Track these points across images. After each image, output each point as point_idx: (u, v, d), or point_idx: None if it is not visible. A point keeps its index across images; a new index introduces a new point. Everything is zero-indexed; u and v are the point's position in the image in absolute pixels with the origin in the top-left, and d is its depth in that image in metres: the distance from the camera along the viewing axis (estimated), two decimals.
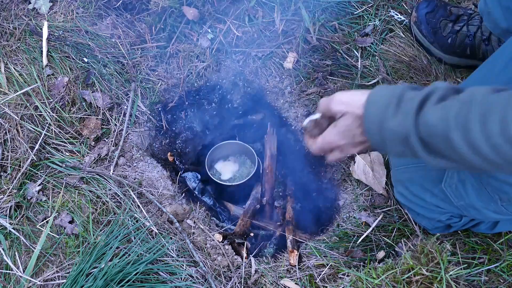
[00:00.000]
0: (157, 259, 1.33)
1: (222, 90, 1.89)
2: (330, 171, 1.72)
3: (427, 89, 0.81)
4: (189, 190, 1.74)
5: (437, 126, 0.76)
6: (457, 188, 1.16)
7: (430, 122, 0.77)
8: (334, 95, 0.93)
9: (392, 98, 0.83)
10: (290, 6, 1.80)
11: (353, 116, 0.90)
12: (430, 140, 0.79)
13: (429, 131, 0.78)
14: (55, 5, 1.77)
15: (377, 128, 0.86)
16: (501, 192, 1.08)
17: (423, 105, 0.80)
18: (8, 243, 1.37)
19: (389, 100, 0.84)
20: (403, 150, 0.85)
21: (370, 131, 0.87)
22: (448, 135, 0.75)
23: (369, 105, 0.86)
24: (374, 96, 0.87)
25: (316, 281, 1.35)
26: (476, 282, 1.28)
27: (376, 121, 0.85)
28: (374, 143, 0.90)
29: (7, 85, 1.58)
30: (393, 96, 0.83)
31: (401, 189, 1.34)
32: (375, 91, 0.87)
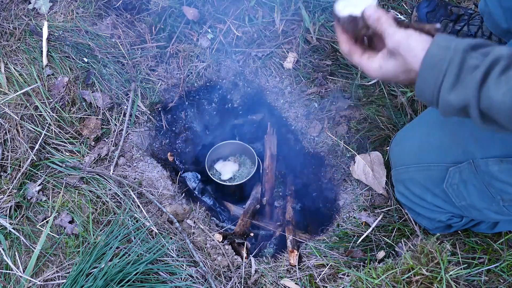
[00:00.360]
0: (157, 259, 1.33)
1: (222, 90, 1.89)
2: (330, 171, 1.72)
3: (490, 58, 0.76)
4: (189, 190, 1.73)
5: (502, 102, 0.73)
6: (458, 189, 1.16)
7: (494, 98, 0.74)
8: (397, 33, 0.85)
9: (451, 65, 0.78)
10: (290, 6, 1.80)
11: (406, 67, 0.85)
12: (491, 113, 0.76)
13: (492, 106, 0.75)
14: (55, 5, 1.77)
15: (431, 93, 0.82)
16: (503, 193, 1.08)
17: (487, 77, 0.76)
18: (8, 243, 1.37)
19: (448, 66, 0.79)
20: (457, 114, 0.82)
21: (423, 93, 0.84)
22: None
23: (426, 68, 0.81)
24: (432, 57, 0.80)
25: (316, 281, 1.35)
26: (476, 282, 1.28)
27: (432, 87, 0.81)
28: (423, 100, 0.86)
29: (7, 85, 1.58)
30: (452, 62, 0.78)
31: (401, 189, 1.34)
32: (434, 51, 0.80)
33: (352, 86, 1.71)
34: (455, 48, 0.79)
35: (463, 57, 0.78)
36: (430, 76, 0.81)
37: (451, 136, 1.16)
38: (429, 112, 1.35)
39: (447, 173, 1.17)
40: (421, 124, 1.32)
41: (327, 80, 1.76)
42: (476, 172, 1.10)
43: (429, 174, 1.22)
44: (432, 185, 1.23)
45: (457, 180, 1.15)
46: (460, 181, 1.15)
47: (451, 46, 0.80)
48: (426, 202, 1.27)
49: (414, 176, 1.27)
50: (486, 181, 1.09)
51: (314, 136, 1.76)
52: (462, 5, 1.76)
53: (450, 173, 1.16)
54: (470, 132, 1.12)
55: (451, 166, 1.16)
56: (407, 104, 1.61)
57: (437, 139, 1.21)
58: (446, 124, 1.20)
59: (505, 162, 1.04)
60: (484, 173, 1.09)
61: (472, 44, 0.80)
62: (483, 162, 1.08)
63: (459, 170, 1.14)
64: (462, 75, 0.78)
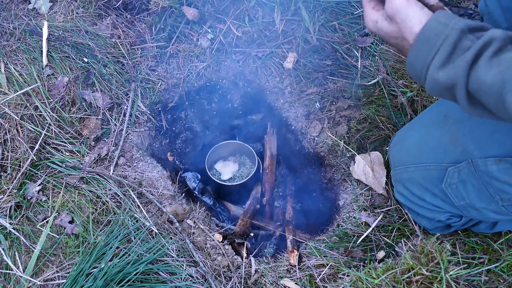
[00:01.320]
0: (157, 259, 1.33)
1: (222, 90, 1.89)
2: (330, 171, 1.72)
3: (483, 40, 0.76)
4: (189, 190, 1.73)
5: (491, 84, 0.73)
6: (457, 189, 1.16)
7: (484, 79, 0.73)
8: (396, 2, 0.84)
9: (446, 42, 0.78)
10: (290, 6, 1.80)
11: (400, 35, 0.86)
12: (478, 95, 0.76)
13: (480, 87, 0.75)
14: (55, 5, 1.77)
15: (421, 67, 0.82)
16: (502, 192, 1.08)
17: (478, 58, 0.75)
18: (8, 243, 1.37)
19: (443, 42, 0.78)
20: (442, 94, 0.82)
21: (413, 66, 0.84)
22: (502, 95, 0.72)
23: (421, 41, 0.82)
24: (428, 31, 0.81)
25: (316, 281, 1.34)
26: (476, 282, 1.28)
27: (423, 61, 0.81)
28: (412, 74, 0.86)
29: (7, 85, 1.58)
30: (447, 40, 0.78)
31: (401, 189, 1.34)
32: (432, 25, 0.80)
33: (352, 86, 1.71)
34: (453, 26, 0.79)
35: (459, 37, 0.78)
36: (423, 50, 0.81)
37: (450, 136, 1.17)
38: (428, 112, 1.35)
39: (446, 173, 1.17)
40: (420, 124, 1.32)
41: (327, 80, 1.76)
42: (475, 171, 1.10)
43: (428, 174, 1.22)
44: (431, 185, 1.23)
45: (456, 180, 1.15)
46: (459, 181, 1.15)
47: (450, 23, 0.79)
48: (426, 202, 1.27)
49: (413, 176, 1.27)
50: (485, 181, 1.09)
51: (314, 136, 1.76)
52: (462, 5, 1.76)
53: (449, 173, 1.16)
54: (468, 132, 1.12)
55: (450, 166, 1.16)
56: (407, 104, 1.61)
57: (435, 139, 1.21)
58: (445, 124, 1.20)
59: (504, 161, 1.04)
60: (482, 173, 1.09)
61: (471, 26, 0.79)
62: (482, 162, 1.08)
63: (458, 170, 1.14)
64: (455, 55, 0.78)
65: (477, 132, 1.10)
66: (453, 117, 1.19)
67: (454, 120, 1.18)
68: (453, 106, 1.21)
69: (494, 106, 0.76)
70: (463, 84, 0.77)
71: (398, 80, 1.67)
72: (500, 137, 1.06)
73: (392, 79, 1.67)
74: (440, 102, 1.34)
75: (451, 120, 1.19)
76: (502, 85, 0.72)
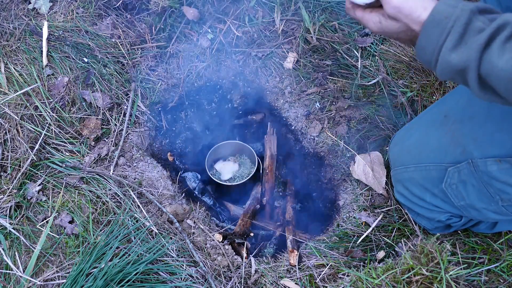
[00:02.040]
0: (157, 259, 1.33)
1: (222, 90, 1.89)
2: (330, 171, 1.72)
3: (496, 23, 0.75)
4: (189, 190, 1.73)
5: (503, 69, 0.72)
6: (457, 189, 1.16)
7: (496, 64, 0.73)
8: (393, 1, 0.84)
9: (457, 23, 0.77)
10: (290, 6, 1.80)
11: (407, 28, 0.84)
12: (489, 79, 0.75)
13: (492, 71, 0.74)
14: (55, 5, 1.77)
15: (432, 51, 0.81)
16: (502, 193, 1.08)
17: (491, 41, 0.74)
18: (8, 243, 1.37)
19: (453, 25, 0.77)
20: (453, 77, 0.81)
21: (424, 51, 0.82)
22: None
23: (431, 24, 0.80)
24: (438, 13, 0.79)
25: (316, 281, 1.34)
26: (476, 282, 1.28)
27: (434, 44, 0.80)
28: (422, 60, 0.85)
29: (7, 85, 1.58)
30: (458, 21, 0.77)
31: (401, 189, 1.34)
32: (441, 7, 0.79)
33: (352, 86, 1.71)
34: (463, 7, 0.78)
35: (470, 18, 0.77)
36: (434, 33, 0.80)
37: (450, 136, 1.16)
38: (428, 112, 1.35)
39: (446, 173, 1.17)
40: (420, 124, 1.32)
41: (327, 80, 1.76)
42: (475, 172, 1.10)
43: (428, 174, 1.22)
44: (431, 185, 1.23)
45: (456, 180, 1.15)
46: (459, 181, 1.15)
47: (459, 5, 0.78)
48: (425, 202, 1.27)
49: (413, 176, 1.27)
50: (485, 181, 1.09)
51: (314, 136, 1.76)
52: None
53: (449, 173, 1.16)
54: (469, 132, 1.12)
55: (450, 166, 1.16)
56: (407, 104, 1.61)
57: (436, 139, 1.21)
58: (445, 124, 1.20)
59: (504, 161, 1.04)
60: (483, 173, 1.09)
61: (481, 8, 0.78)
62: (482, 162, 1.08)
63: (458, 170, 1.14)
64: (466, 36, 0.77)
65: (478, 132, 1.10)
66: (453, 117, 1.19)
67: (454, 120, 1.17)
68: (454, 106, 1.22)
69: (504, 91, 0.75)
70: (475, 67, 0.76)
71: (398, 80, 1.67)
72: (500, 137, 1.06)
73: (392, 79, 1.67)
74: (440, 102, 1.34)
75: (451, 120, 1.19)
76: None
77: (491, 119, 1.08)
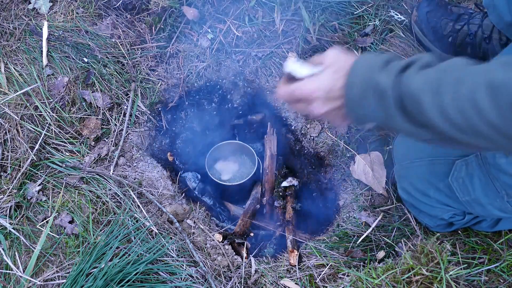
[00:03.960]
0: (157, 259, 1.33)
1: (222, 90, 1.89)
2: (330, 171, 1.72)
3: (413, 57, 0.84)
4: (189, 190, 1.73)
5: (413, 89, 0.78)
6: (464, 183, 1.16)
7: (409, 84, 0.79)
8: (327, 51, 0.96)
9: (380, 60, 0.86)
10: (290, 6, 1.80)
11: (339, 67, 0.91)
12: (405, 102, 0.80)
13: (405, 92, 0.79)
14: (55, 5, 1.77)
15: (360, 80, 0.87)
16: (509, 187, 1.08)
17: (408, 67, 0.82)
18: (8, 243, 1.37)
19: (376, 60, 0.86)
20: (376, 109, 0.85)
21: (352, 82, 0.88)
22: (420, 97, 0.77)
23: (358, 62, 0.89)
24: (363, 57, 0.89)
25: (316, 281, 1.34)
26: (476, 282, 1.28)
27: (361, 73, 0.87)
28: (349, 99, 0.89)
29: (7, 85, 1.58)
30: (381, 59, 0.86)
31: (404, 185, 1.34)
32: (365, 54, 0.91)
33: None
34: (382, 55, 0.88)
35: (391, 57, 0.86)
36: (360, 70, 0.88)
37: None
38: None
39: (452, 166, 1.17)
40: None
41: None
42: (483, 164, 1.10)
43: (434, 168, 1.22)
44: (436, 179, 1.23)
45: (463, 174, 1.16)
46: (466, 174, 1.15)
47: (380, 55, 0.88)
48: (429, 197, 1.27)
49: (419, 170, 1.27)
50: (492, 175, 1.09)
51: (314, 136, 1.76)
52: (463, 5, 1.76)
53: (457, 166, 1.17)
54: None
55: (457, 159, 1.16)
56: None
57: None
58: None
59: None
60: (491, 166, 1.09)
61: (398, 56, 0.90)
62: (491, 155, 1.08)
63: (466, 163, 1.14)
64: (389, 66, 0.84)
65: None
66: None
67: None
68: None
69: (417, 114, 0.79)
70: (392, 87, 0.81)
71: None
72: None
73: None
74: None
75: None
76: (421, 87, 0.77)
77: None
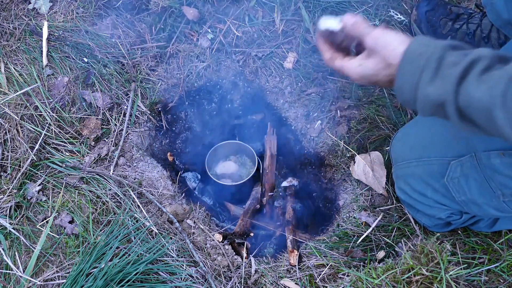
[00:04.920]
0: (157, 259, 1.33)
1: (222, 90, 1.89)
2: (330, 171, 1.72)
3: (470, 57, 0.77)
4: (189, 190, 1.73)
5: (480, 101, 0.73)
6: (459, 183, 1.16)
7: (473, 95, 0.74)
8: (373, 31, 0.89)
9: (431, 59, 0.80)
10: (290, 6, 1.80)
11: (385, 63, 0.87)
12: (468, 111, 0.76)
13: (470, 103, 0.75)
14: (55, 5, 1.77)
15: (410, 88, 0.83)
16: (504, 187, 1.08)
17: (466, 74, 0.76)
18: (8, 243, 1.37)
19: (427, 61, 0.80)
20: (434, 112, 0.83)
21: (402, 90, 0.84)
22: (492, 112, 0.72)
23: (406, 63, 0.83)
24: (412, 52, 0.83)
25: (316, 281, 1.34)
26: (476, 282, 1.28)
27: (411, 81, 0.82)
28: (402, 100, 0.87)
29: (7, 85, 1.58)
30: (432, 57, 0.80)
31: (402, 185, 1.34)
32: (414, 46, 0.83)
33: (352, 86, 1.71)
34: (436, 45, 0.81)
35: (442, 54, 0.80)
36: (409, 71, 0.82)
37: (454, 131, 1.17)
38: None
39: (448, 167, 1.17)
40: (424, 120, 1.33)
41: (327, 80, 1.76)
42: (477, 165, 1.11)
43: (431, 169, 1.23)
44: (433, 180, 1.23)
45: (459, 174, 1.16)
46: (461, 175, 1.15)
47: (431, 43, 0.82)
48: (426, 198, 1.27)
49: (415, 171, 1.27)
50: (487, 175, 1.10)
51: (314, 136, 1.76)
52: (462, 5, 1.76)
53: (452, 167, 1.17)
54: None
55: (453, 160, 1.16)
56: None
57: (439, 134, 1.22)
58: None
59: (507, 155, 1.04)
60: (485, 166, 1.09)
61: (452, 45, 0.81)
62: (485, 155, 1.08)
63: (461, 164, 1.14)
64: (441, 70, 0.79)
65: None
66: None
67: None
68: None
69: (483, 122, 0.76)
70: (453, 100, 0.77)
71: None
72: None
73: None
74: None
75: None
76: (491, 100, 0.72)
77: None
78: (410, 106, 0.87)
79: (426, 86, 0.80)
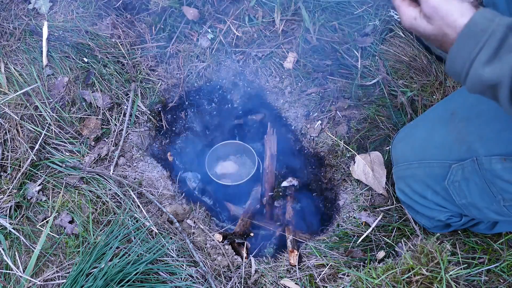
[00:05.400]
0: (157, 259, 1.33)
1: (222, 90, 1.89)
2: (330, 171, 1.72)
3: None
4: (189, 190, 1.73)
5: None
6: (460, 186, 1.16)
7: None
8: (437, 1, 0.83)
9: (492, 38, 0.76)
10: (290, 6, 1.80)
11: (442, 33, 0.83)
12: None
13: None
14: (55, 5, 1.77)
15: (463, 63, 0.80)
16: (504, 192, 1.08)
17: None
18: (8, 243, 1.37)
19: (488, 38, 0.76)
20: (483, 92, 0.80)
21: (454, 62, 0.82)
22: None
23: (465, 36, 0.79)
24: (474, 26, 0.78)
25: (316, 281, 1.35)
26: (476, 282, 1.28)
27: (466, 57, 0.79)
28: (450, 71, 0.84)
29: (7, 85, 1.58)
30: (494, 36, 0.76)
31: (402, 186, 1.34)
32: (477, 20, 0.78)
33: (352, 86, 1.71)
34: (499, 22, 0.77)
35: (506, 33, 0.76)
36: (468, 45, 0.79)
37: (456, 133, 1.16)
38: (434, 109, 1.35)
39: (449, 170, 1.17)
40: (426, 121, 1.32)
41: (327, 80, 1.76)
42: (479, 169, 1.10)
43: (431, 171, 1.22)
44: (434, 182, 1.23)
45: (459, 178, 1.15)
46: (462, 178, 1.15)
47: (495, 19, 0.77)
48: (426, 200, 1.27)
49: (416, 172, 1.26)
50: (488, 179, 1.09)
51: (314, 136, 1.76)
52: None
53: (453, 170, 1.16)
54: (475, 130, 1.12)
55: (454, 163, 1.16)
56: (407, 104, 1.61)
57: (441, 137, 1.21)
58: (452, 122, 1.19)
59: (509, 160, 1.04)
60: (487, 171, 1.09)
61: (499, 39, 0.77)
62: (487, 160, 1.08)
63: (462, 168, 1.14)
64: (501, 51, 0.76)
65: (484, 130, 1.10)
66: (461, 114, 1.18)
67: (461, 118, 1.17)
68: (462, 103, 1.21)
69: None
70: (508, 84, 0.74)
71: (398, 80, 1.67)
72: (507, 135, 1.05)
73: (392, 79, 1.67)
74: (447, 99, 1.33)
75: (458, 117, 1.18)
76: None
77: (499, 118, 1.08)
78: (457, 79, 0.83)
79: (482, 66, 0.77)
